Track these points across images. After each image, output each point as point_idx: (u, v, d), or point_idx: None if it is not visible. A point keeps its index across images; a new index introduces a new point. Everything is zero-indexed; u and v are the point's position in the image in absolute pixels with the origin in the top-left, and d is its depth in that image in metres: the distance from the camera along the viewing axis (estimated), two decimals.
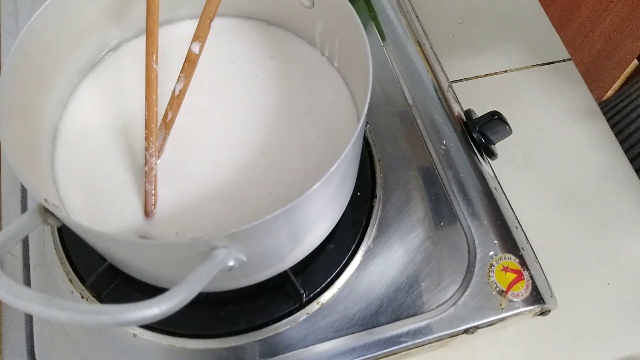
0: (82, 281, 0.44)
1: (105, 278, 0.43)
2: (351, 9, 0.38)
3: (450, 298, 0.45)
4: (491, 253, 0.47)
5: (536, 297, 0.45)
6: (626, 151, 0.59)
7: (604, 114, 0.62)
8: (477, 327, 0.44)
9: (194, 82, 0.44)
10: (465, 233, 0.48)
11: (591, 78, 0.78)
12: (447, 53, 0.63)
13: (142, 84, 0.45)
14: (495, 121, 0.52)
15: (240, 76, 0.46)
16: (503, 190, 0.51)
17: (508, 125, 0.51)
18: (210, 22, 0.40)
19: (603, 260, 0.53)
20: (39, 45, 0.38)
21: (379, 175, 0.50)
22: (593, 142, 0.60)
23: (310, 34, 0.46)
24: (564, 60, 0.66)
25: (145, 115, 0.40)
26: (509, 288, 0.45)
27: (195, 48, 0.40)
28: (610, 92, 1.14)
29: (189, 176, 0.41)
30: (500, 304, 0.45)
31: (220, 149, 0.42)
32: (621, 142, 0.60)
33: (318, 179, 0.31)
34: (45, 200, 0.32)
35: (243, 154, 0.42)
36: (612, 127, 0.61)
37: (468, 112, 0.55)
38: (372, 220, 0.47)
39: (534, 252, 0.48)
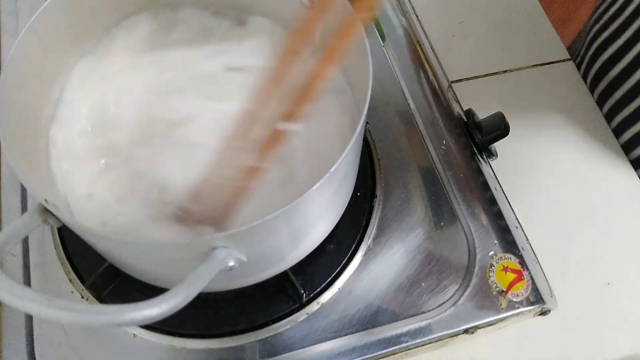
0: (82, 281, 0.44)
1: (105, 278, 0.43)
2: (351, 9, 0.38)
3: (450, 298, 0.45)
4: (491, 253, 0.47)
5: (536, 297, 0.45)
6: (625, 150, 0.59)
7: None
8: (477, 327, 0.44)
9: (191, 82, 0.44)
10: (465, 233, 0.48)
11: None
12: (447, 53, 0.63)
13: (141, 84, 0.45)
14: (495, 121, 0.52)
15: (238, 76, 0.46)
16: (503, 190, 0.51)
17: (508, 125, 0.51)
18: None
19: (603, 260, 0.53)
20: (39, 45, 0.38)
21: (379, 175, 0.50)
22: (592, 142, 0.60)
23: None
24: (564, 60, 0.66)
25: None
26: (509, 288, 0.45)
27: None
28: None
29: (185, 176, 0.41)
30: (500, 304, 0.45)
31: (217, 150, 0.42)
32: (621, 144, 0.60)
33: (318, 179, 0.31)
34: (45, 200, 0.32)
35: (240, 155, 0.42)
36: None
37: (468, 112, 0.55)
38: (372, 220, 0.47)
39: (534, 252, 0.48)
